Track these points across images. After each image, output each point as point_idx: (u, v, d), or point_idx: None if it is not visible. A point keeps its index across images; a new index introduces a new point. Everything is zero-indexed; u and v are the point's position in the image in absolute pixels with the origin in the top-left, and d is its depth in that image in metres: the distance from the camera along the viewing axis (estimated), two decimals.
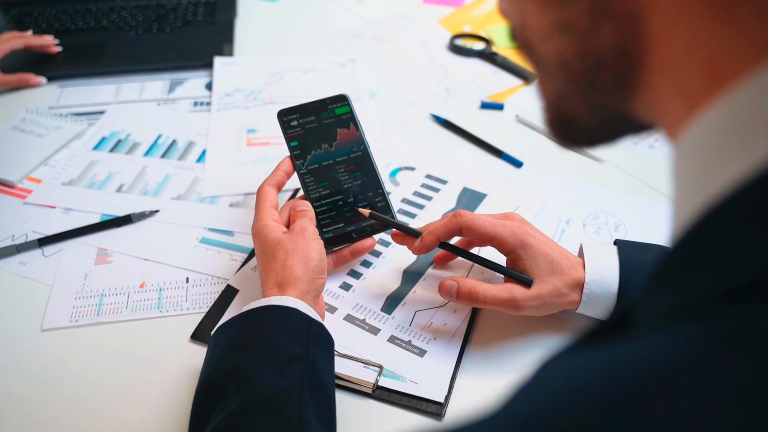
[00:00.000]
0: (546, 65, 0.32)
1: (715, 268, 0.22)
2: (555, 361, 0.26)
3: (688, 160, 0.25)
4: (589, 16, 0.28)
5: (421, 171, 0.87)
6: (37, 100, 1.02)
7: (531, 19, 0.31)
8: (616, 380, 0.21)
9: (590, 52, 0.29)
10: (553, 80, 0.32)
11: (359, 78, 1.06)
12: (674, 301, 0.24)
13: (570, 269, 0.63)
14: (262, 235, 0.65)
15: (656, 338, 0.22)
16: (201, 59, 1.09)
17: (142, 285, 0.73)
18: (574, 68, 0.30)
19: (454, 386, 0.62)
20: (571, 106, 0.32)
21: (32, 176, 0.88)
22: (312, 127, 0.74)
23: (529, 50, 0.33)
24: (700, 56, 0.24)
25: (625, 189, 0.84)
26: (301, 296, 0.61)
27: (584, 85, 0.30)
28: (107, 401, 0.62)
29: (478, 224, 0.64)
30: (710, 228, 0.23)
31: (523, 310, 0.62)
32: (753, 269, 0.21)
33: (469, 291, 0.63)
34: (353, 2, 1.29)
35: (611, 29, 0.27)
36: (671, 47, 0.25)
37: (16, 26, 1.17)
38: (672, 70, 0.25)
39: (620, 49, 0.27)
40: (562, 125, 0.33)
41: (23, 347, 0.67)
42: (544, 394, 0.23)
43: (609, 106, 0.30)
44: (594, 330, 0.28)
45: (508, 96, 1.02)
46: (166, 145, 0.93)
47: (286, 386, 0.53)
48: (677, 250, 0.24)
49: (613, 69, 0.28)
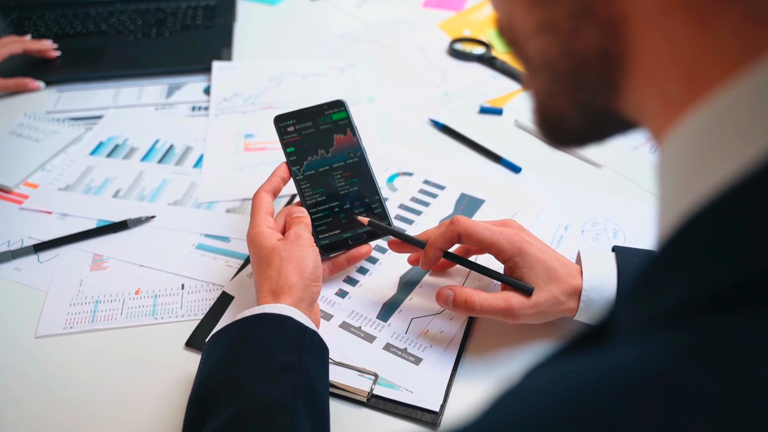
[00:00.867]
0: (532, 63, 0.32)
1: (692, 277, 0.22)
2: (537, 370, 0.26)
3: (671, 165, 0.25)
4: (572, 18, 0.28)
5: (418, 176, 0.86)
6: (35, 105, 1.02)
7: (517, 17, 0.31)
8: (587, 393, 0.21)
9: (574, 53, 0.28)
10: (540, 79, 0.32)
11: (358, 82, 1.05)
12: (652, 309, 0.23)
13: (567, 276, 0.62)
14: (257, 242, 0.65)
15: (632, 348, 0.22)
16: (199, 64, 1.09)
17: (137, 291, 0.72)
18: (559, 68, 0.30)
19: (449, 395, 0.61)
20: (559, 106, 0.31)
21: (29, 181, 0.88)
22: (309, 132, 0.74)
23: (516, 47, 0.33)
24: (681, 61, 0.24)
25: (624, 194, 0.84)
26: (295, 304, 0.60)
27: (570, 85, 0.30)
28: (101, 409, 0.62)
29: (476, 231, 0.63)
30: (688, 237, 0.23)
31: (520, 319, 0.62)
32: (730, 278, 0.21)
33: (465, 300, 0.62)
34: (353, 6, 1.29)
35: (594, 32, 0.27)
36: (653, 52, 0.25)
37: (15, 30, 1.17)
38: (654, 73, 0.25)
39: (603, 51, 0.27)
40: (551, 125, 0.33)
41: (17, 354, 0.67)
42: (519, 405, 0.23)
43: (596, 105, 0.30)
44: (577, 338, 0.28)
45: (507, 101, 1.02)
46: (163, 150, 0.93)
47: (278, 395, 0.53)
48: (657, 258, 0.24)
49: (597, 70, 0.28)
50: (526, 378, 0.25)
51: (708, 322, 0.21)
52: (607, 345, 0.24)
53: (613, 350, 0.23)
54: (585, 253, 0.64)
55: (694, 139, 0.24)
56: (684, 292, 0.22)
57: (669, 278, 0.23)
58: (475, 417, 0.24)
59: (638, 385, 0.20)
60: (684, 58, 0.24)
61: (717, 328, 0.20)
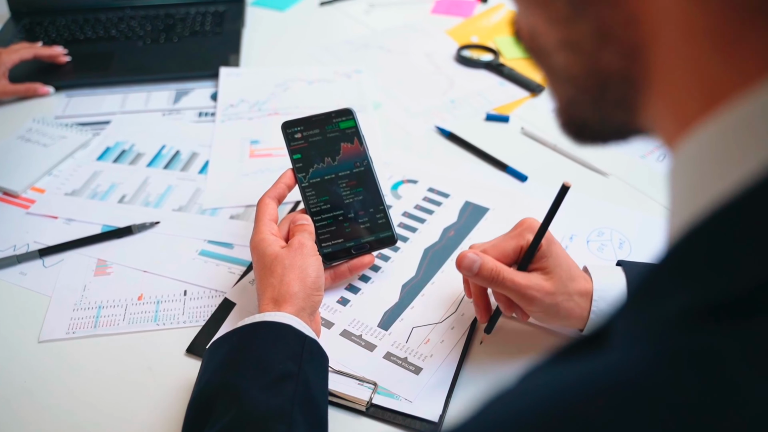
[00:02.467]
0: (555, 74, 0.32)
1: (688, 286, 0.23)
2: (532, 373, 0.27)
3: (680, 174, 0.26)
4: (594, 39, 0.27)
5: (423, 184, 0.86)
6: (44, 110, 1.03)
7: (539, 29, 0.31)
8: (567, 397, 0.22)
9: (596, 73, 0.29)
10: (563, 88, 0.32)
11: (364, 89, 1.05)
12: (648, 316, 0.24)
13: (581, 278, 0.61)
14: (260, 249, 0.65)
15: (621, 354, 0.23)
16: (207, 69, 1.10)
17: (140, 297, 0.73)
18: (582, 84, 0.30)
19: (449, 405, 0.61)
20: (581, 114, 0.32)
21: (36, 186, 0.88)
22: (316, 140, 0.74)
23: (538, 57, 0.33)
24: (701, 80, 0.24)
25: (631, 204, 0.83)
26: (296, 312, 0.60)
27: (593, 98, 0.30)
28: (101, 414, 0.62)
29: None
30: (687, 246, 0.23)
31: (535, 304, 0.59)
32: (723, 290, 0.21)
33: (491, 269, 0.59)
34: (361, 12, 1.29)
35: (615, 55, 0.27)
36: (673, 74, 0.25)
37: (27, 36, 1.18)
38: (673, 92, 0.26)
39: (625, 73, 0.27)
40: (574, 129, 0.33)
41: (20, 358, 0.67)
42: (510, 406, 0.24)
43: (616, 117, 0.30)
44: (575, 342, 0.28)
45: (514, 108, 1.01)
46: (169, 155, 0.93)
47: (276, 404, 0.53)
48: (657, 266, 0.25)
49: (618, 89, 0.28)
50: (521, 380, 0.26)
51: (698, 333, 0.21)
52: (602, 350, 0.25)
53: (605, 355, 0.24)
54: (593, 268, 0.63)
55: (703, 151, 0.24)
56: (679, 301, 0.22)
57: (666, 286, 0.24)
58: (469, 416, 0.25)
59: (616, 390, 0.21)
60: (704, 77, 0.24)
61: (705, 338, 0.21)
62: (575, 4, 0.27)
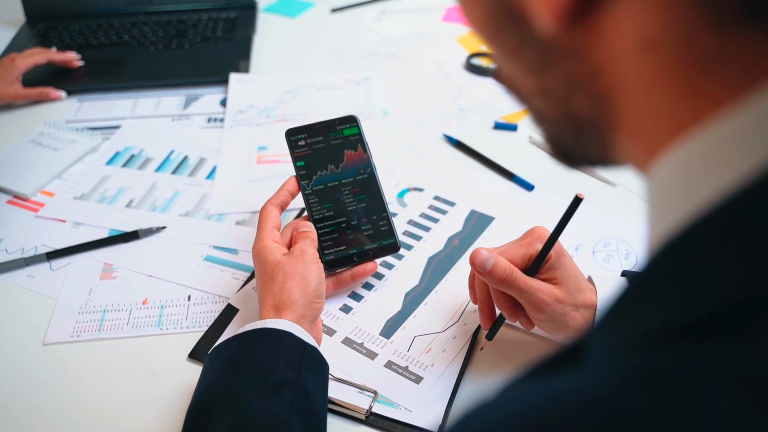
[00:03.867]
0: (535, 115, 0.34)
1: (659, 305, 0.23)
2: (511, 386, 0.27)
3: (653, 198, 0.27)
4: (564, 88, 0.29)
5: (429, 192, 0.86)
6: (56, 114, 1.04)
7: (517, 76, 0.33)
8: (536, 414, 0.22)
9: (570, 117, 0.30)
10: (544, 126, 0.34)
11: (373, 96, 1.05)
12: (622, 334, 0.24)
13: (588, 290, 0.61)
14: (261, 256, 0.65)
15: (593, 371, 0.23)
16: (217, 75, 1.10)
17: (144, 301, 0.73)
18: (559, 125, 0.32)
19: (449, 415, 0.60)
20: (565, 145, 0.33)
21: (46, 190, 0.89)
22: (319, 147, 0.74)
23: (519, 99, 0.34)
24: (667, 118, 0.25)
25: (638, 215, 0.82)
26: (297, 320, 0.60)
27: (571, 137, 0.32)
28: (103, 418, 0.62)
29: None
30: (658, 266, 0.24)
31: (544, 311, 0.59)
32: (690, 310, 0.22)
33: (505, 268, 0.59)
34: (372, 19, 1.29)
35: (586, 102, 0.29)
36: (641, 117, 0.27)
37: (41, 41, 1.19)
38: (641, 130, 0.27)
39: (595, 117, 0.29)
40: (561, 155, 0.34)
41: (25, 360, 0.68)
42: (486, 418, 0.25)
43: (594, 153, 0.32)
44: (554, 357, 0.28)
45: (522, 116, 1.01)
46: (177, 161, 0.94)
47: (274, 411, 0.53)
48: (631, 285, 0.26)
49: (591, 131, 0.30)
50: (501, 392, 0.26)
51: (664, 353, 0.22)
52: (578, 365, 0.25)
53: (578, 372, 0.24)
54: (597, 278, 0.63)
55: (671, 173, 0.25)
56: (650, 319, 0.23)
57: (638, 304, 0.24)
58: (451, 425, 0.26)
59: (582, 408, 0.21)
60: (666, 116, 0.25)
61: (673, 357, 0.21)
62: (544, 57, 0.29)
